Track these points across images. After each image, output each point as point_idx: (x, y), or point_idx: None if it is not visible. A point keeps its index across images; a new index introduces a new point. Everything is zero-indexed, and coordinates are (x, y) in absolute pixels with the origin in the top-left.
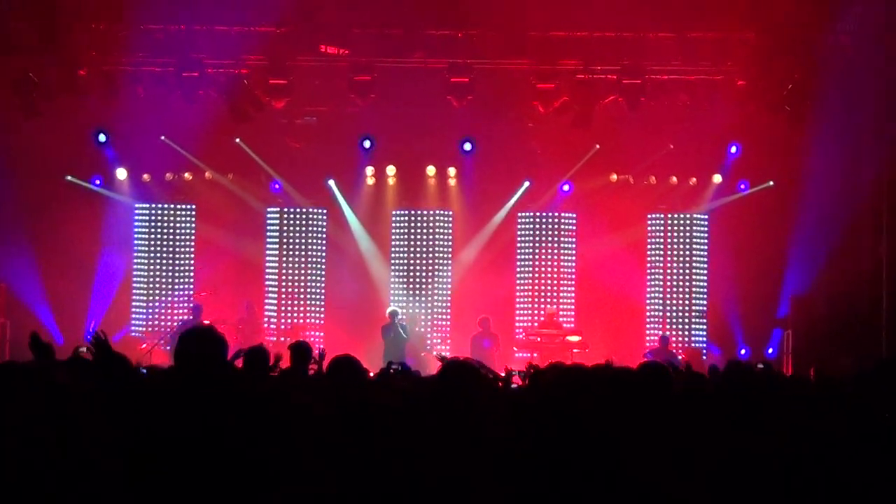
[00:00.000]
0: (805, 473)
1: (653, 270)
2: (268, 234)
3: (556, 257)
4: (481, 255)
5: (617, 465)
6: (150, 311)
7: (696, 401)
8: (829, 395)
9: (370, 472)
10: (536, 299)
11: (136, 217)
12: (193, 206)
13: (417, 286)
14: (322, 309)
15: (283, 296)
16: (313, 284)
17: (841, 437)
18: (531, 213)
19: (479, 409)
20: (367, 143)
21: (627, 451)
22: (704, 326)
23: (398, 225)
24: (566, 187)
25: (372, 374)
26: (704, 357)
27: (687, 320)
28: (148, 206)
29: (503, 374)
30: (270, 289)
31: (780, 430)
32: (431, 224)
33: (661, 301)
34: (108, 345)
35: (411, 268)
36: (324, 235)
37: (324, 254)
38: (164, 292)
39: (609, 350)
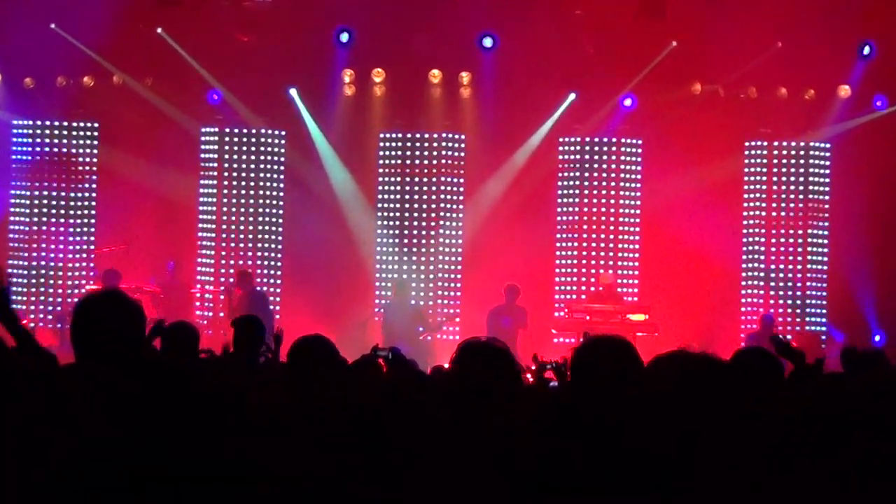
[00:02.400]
0: None
1: (751, 222)
2: (203, 165)
3: (612, 202)
4: (506, 198)
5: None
6: (33, 273)
7: (823, 403)
8: None
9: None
10: (584, 262)
11: (15, 139)
12: (96, 125)
13: (415, 241)
14: (278, 272)
15: (224, 253)
16: (266, 238)
17: None
18: (577, 139)
19: (506, 417)
20: (344, 37)
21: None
22: (824, 302)
23: (388, 154)
24: (628, 102)
25: (349, 363)
26: (824, 345)
27: (800, 294)
28: (31, 123)
29: (534, 368)
30: (205, 243)
31: None
32: (435, 153)
33: (762, 266)
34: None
35: (406, 215)
36: (281, 168)
37: (281, 194)
38: (52, 247)
39: (687, 334)
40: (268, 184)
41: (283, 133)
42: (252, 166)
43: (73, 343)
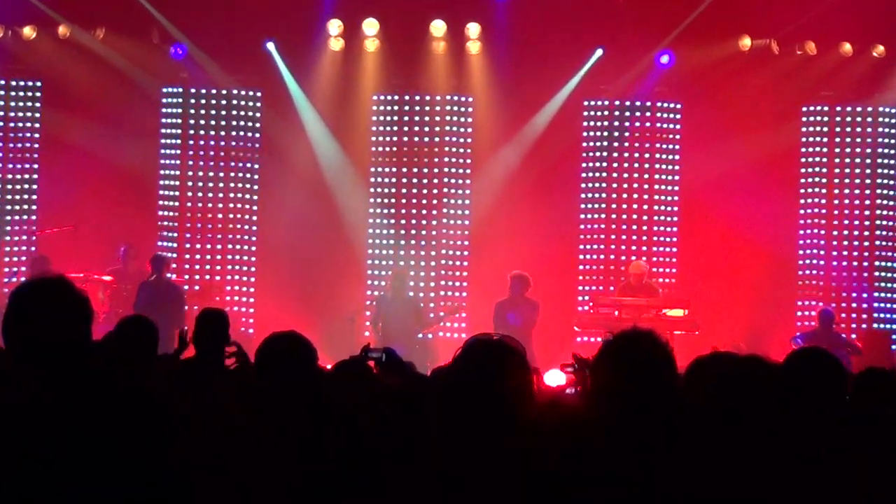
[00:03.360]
0: None
1: (810, 201)
2: (164, 131)
3: (646, 177)
4: (521, 172)
5: None
6: None
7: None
8: None
9: None
10: (613, 247)
11: None
12: (38, 84)
13: (413, 222)
14: (252, 257)
15: (188, 235)
16: (238, 217)
17: None
18: (605, 103)
19: (516, 433)
20: None
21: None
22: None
23: (383, 120)
24: (665, 59)
25: (329, 367)
26: None
27: (866, 285)
28: None
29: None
30: (166, 223)
31: None
32: (438, 120)
33: (822, 253)
34: None
35: (404, 191)
36: (256, 136)
37: (256, 166)
38: None
39: (733, 333)
40: (240, 154)
41: (259, 94)
42: (222, 133)
43: (4, 341)
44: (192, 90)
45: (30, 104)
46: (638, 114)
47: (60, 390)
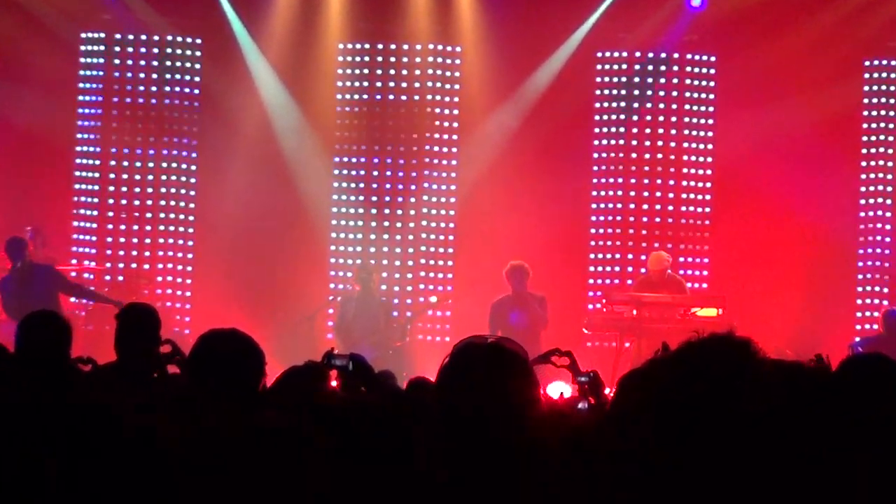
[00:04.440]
0: None
1: (873, 177)
2: (82, 85)
3: (672, 146)
4: (519, 140)
5: None
6: None
7: None
8: None
9: None
10: (631, 232)
11: None
12: None
13: (386, 199)
14: (189, 241)
15: (111, 213)
16: (173, 193)
17: None
18: (623, 55)
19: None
20: None
21: None
22: None
23: (350, 74)
24: (696, 2)
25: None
26: None
27: None
28: None
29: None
30: (84, 199)
31: None
32: (419, 75)
33: (888, 240)
34: None
35: (375, 162)
36: (195, 93)
37: (195, 129)
38: None
39: (777, 336)
40: (175, 115)
41: (199, 42)
42: (153, 90)
43: None
44: (117, 36)
45: None
46: (663, 68)
47: None
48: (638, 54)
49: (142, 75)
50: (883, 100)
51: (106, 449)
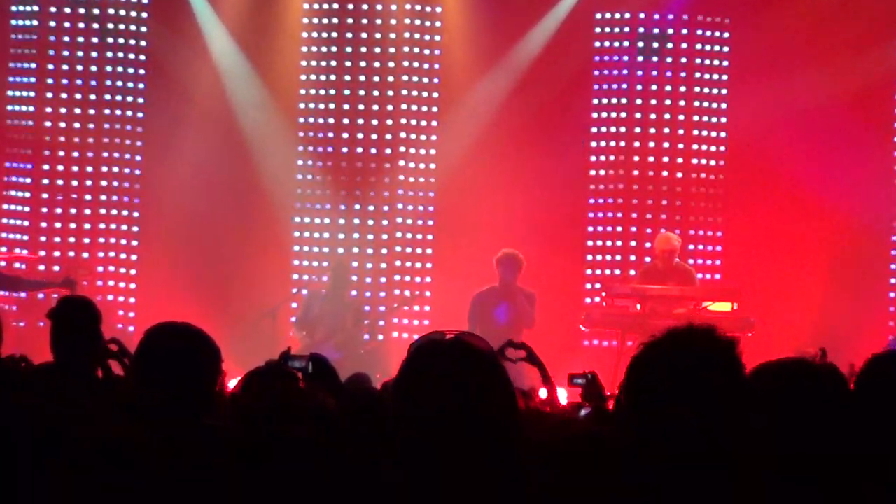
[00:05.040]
0: None
1: None
2: (14, 51)
3: (680, 119)
4: (507, 110)
5: None
6: None
7: None
8: None
9: None
10: (634, 215)
11: None
12: None
13: (357, 179)
14: (133, 226)
15: (44, 195)
16: (116, 171)
17: None
18: (626, 16)
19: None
20: None
21: None
22: None
23: (317, 39)
24: None
25: (236, 382)
26: None
27: None
28: None
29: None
30: (14, 178)
31: None
32: (394, 36)
33: None
34: None
35: (345, 136)
36: (141, 58)
37: (140, 101)
38: None
39: (801, 333)
40: (118, 83)
41: (145, 1)
42: (93, 55)
43: None
44: (54, 10)
45: None
46: (671, 32)
47: None
48: (642, 16)
49: (80, 39)
50: None
51: (44, 462)
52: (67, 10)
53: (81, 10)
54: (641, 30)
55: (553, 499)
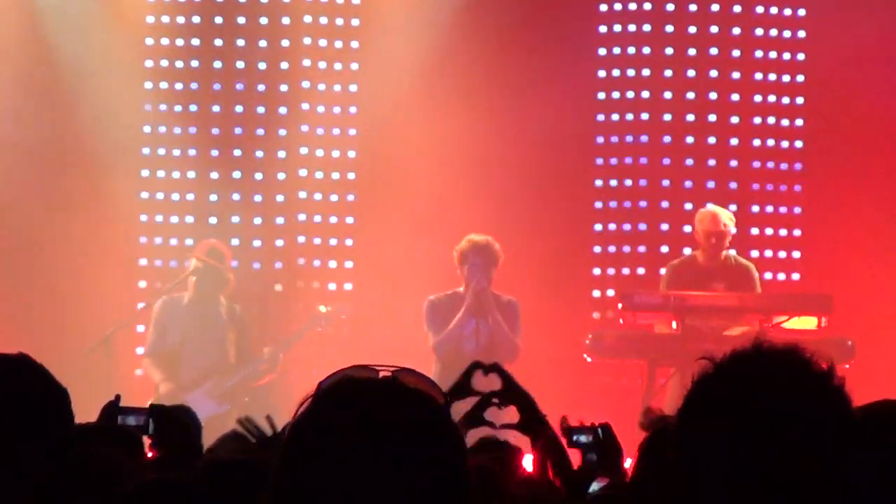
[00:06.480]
0: None
1: None
2: None
3: (735, 52)
4: (459, 32)
5: None
6: None
7: None
8: None
9: None
10: (661, 182)
11: None
12: None
13: (238, 136)
14: None
15: None
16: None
17: None
18: None
19: None
20: None
21: None
22: None
23: None
24: None
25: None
26: None
27: None
28: None
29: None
30: None
31: None
32: None
33: None
34: None
35: (217, 87)
36: None
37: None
38: None
39: None
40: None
41: None
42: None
43: None
44: None
45: None
46: None
47: None
48: None
49: None
50: None
51: None
52: None
53: None
54: None
55: None
